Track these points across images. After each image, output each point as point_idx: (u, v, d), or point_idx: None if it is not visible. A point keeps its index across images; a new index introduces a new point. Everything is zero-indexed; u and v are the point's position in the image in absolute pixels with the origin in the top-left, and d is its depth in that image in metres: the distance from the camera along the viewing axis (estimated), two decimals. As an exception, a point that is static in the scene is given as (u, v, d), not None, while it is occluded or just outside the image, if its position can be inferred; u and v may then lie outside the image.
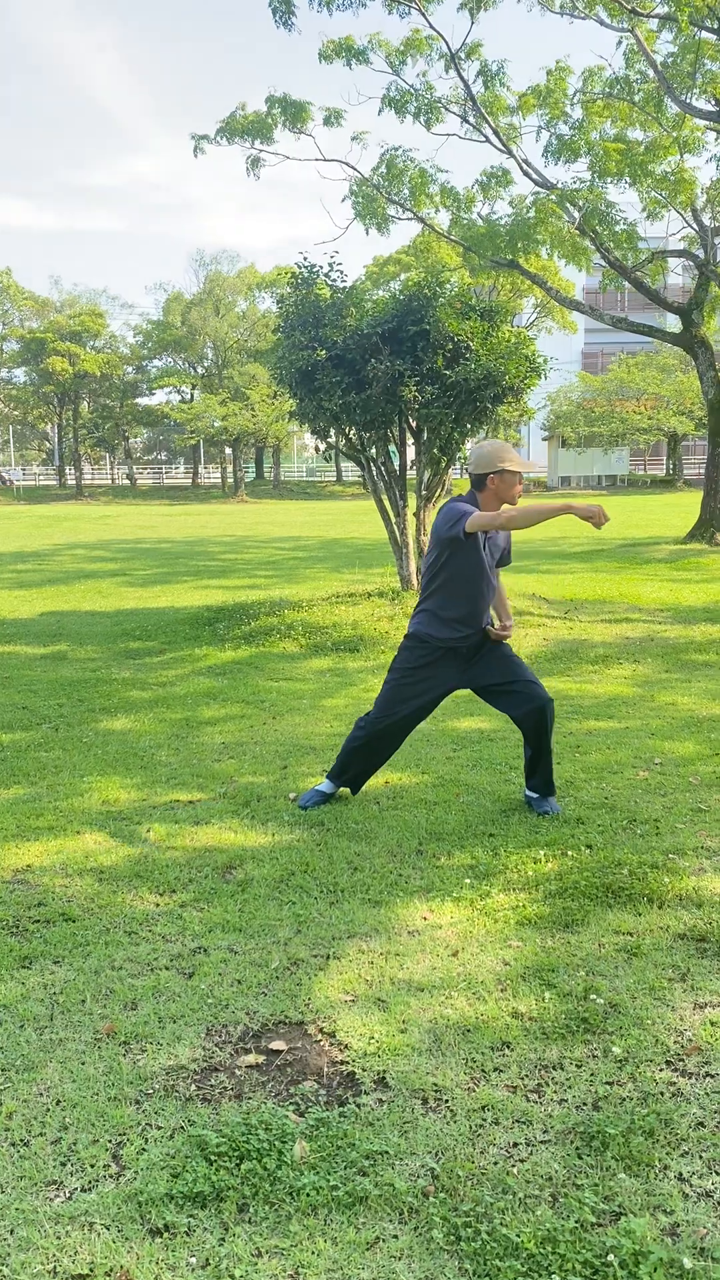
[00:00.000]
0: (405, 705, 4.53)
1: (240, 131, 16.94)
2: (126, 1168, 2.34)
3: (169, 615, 11.27)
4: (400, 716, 4.54)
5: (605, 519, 4.02)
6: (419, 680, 4.51)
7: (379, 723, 4.57)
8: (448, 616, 4.44)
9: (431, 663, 4.49)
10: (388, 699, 4.55)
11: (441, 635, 4.45)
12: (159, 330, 55.34)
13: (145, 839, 4.38)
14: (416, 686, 4.51)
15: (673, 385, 46.82)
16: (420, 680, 4.51)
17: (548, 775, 4.58)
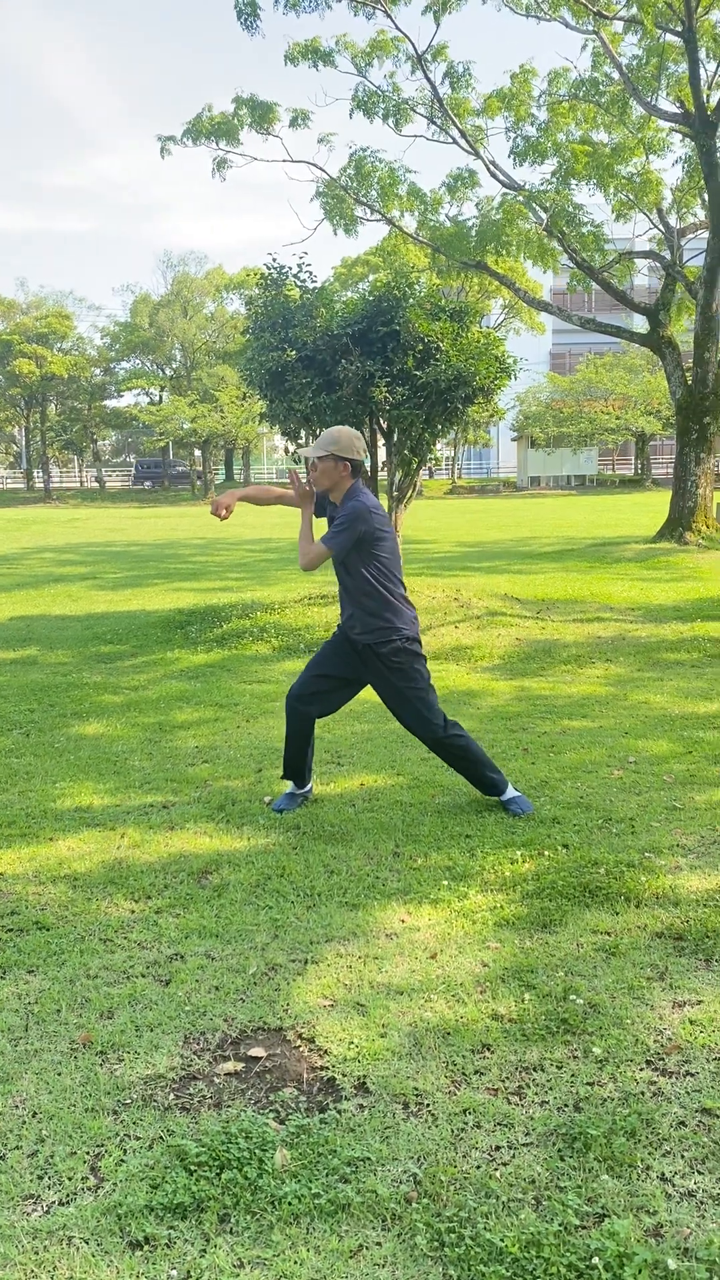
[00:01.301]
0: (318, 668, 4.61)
1: (206, 133, 16.89)
2: (105, 1180, 2.31)
3: (140, 618, 11.20)
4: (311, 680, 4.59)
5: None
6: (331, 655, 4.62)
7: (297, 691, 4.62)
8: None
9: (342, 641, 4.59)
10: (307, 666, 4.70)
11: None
12: (127, 332, 55.04)
13: (119, 845, 4.34)
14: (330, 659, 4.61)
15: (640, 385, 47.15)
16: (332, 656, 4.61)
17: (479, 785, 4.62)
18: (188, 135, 16.93)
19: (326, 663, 4.62)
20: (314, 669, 4.63)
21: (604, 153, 16.69)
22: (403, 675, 4.45)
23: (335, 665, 4.61)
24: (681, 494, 17.59)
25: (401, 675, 4.45)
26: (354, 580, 4.42)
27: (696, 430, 17.17)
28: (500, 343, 9.70)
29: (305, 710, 4.62)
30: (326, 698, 4.65)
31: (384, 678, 4.48)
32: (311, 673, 4.63)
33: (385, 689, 4.52)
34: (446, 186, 17.64)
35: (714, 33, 16.02)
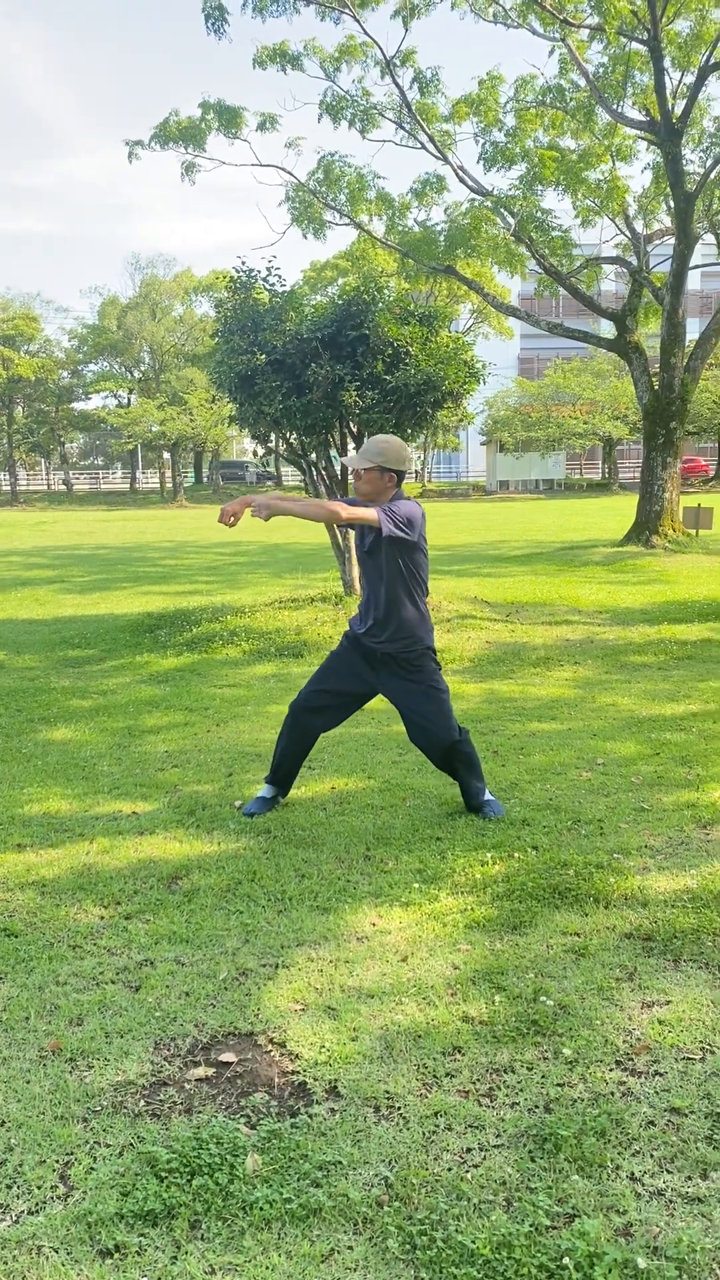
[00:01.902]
0: (324, 682, 4.57)
1: (174, 137, 16.84)
2: (75, 1188, 2.29)
3: (109, 622, 11.14)
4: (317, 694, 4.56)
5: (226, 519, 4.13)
6: (343, 662, 4.57)
7: (299, 697, 4.61)
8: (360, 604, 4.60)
9: (350, 652, 4.56)
10: (316, 673, 4.66)
11: (354, 627, 4.58)
12: (95, 334, 54.74)
13: (88, 850, 4.31)
14: (339, 669, 4.57)
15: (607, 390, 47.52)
16: (344, 662, 4.57)
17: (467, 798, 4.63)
18: (156, 140, 16.87)
19: (334, 676, 4.57)
20: (321, 682, 4.58)
21: (571, 159, 16.81)
22: (424, 676, 4.47)
23: (344, 679, 4.55)
24: (648, 498, 17.74)
25: (422, 676, 4.47)
26: (388, 586, 4.37)
27: (663, 435, 17.33)
28: (469, 347, 9.75)
29: (310, 723, 4.60)
30: (333, 712, 4.61)
31: (403, 682, 4.46)
32: (318, 686, 4.58)
33: (405, 693, 4.47)
34: (414, 192, 17.70)
35: (678, 41, 16.20)
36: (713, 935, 3.35)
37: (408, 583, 4.37)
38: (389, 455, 4.27)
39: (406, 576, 4.36)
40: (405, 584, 4.36)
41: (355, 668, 4.54)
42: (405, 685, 4.47)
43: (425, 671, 4.48)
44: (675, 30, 16.08)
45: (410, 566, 4.35)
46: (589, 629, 9.87)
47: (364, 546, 4.43)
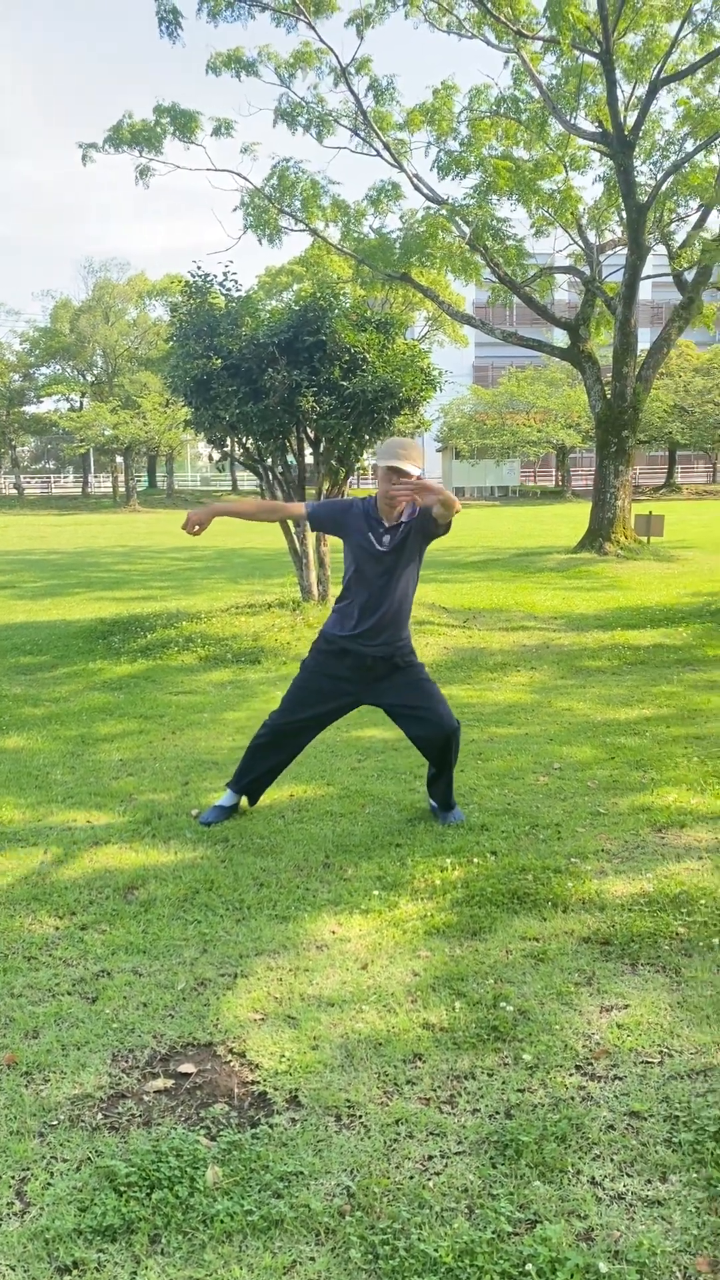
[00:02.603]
0: (307, 707, 4.48)
1: (128, 140, 16.75)
2: (31, 1204, 2.25)
3: (61, 628, 11.01)
4: (301, 717, 4.49)
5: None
6: (320, 680, 4.47)
7: (281, 718, 4.52)
8: (339, 608, 4.48)
9: (331, 664, 4.46)
10: (290, 697, 4.53)
11: (336, 632, 4.45)
12: (46, 337, 54.16)
13: (42, 860, 4.25)
14: (320, 689, 4.47)
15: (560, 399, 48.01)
16: (321, 680, 4.47)
17: (446, 793, 4.61)
18: (109, 142, 16.76)
19: (315, 699, 4.46)
20: (303, 707, 4.47)
21: (526, 168, 16.96)
22: (417, 669, 4.50)
23: (325, 699, 4.47)
24: (601, 506, 17.93)
25: (416, 669, 4.50)
26: (402, 589, 4.41)
27: (615, 443, 17.52)
28: (426, 355, 9.79)
29: (292, 743, 4.57)
30: (314, 729, 4.56)
31: (400, 678, 4.46)
32: (300, 712, 4.47)
33: (404, 689, 4.45)
34: (370, 199, 17.76)
35: (630, 55, 16.43)
36: (669, 939, 3.38)
37: (414, 581, 4.47)
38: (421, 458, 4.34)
39: (416, 575, 4.46)
40: (414, 583, 4.48)
41: (338, 684, 4.46)
42: (403, 682, 4.46)
43: (416, 665, 4.52)
44: (627, 44, 16.31)
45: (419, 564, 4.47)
46: (545, 634, 9.94)
47: (383, 546, 4.36)
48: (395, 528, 4.37)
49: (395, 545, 4.35)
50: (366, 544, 4.37)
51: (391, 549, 4.36)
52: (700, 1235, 2.11)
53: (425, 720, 4.44)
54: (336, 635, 4.46)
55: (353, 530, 4.40)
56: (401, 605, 4.43)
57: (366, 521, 4.39)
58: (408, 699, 4.46)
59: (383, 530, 4.37)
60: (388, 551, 4.36)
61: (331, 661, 4.47)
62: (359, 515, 4.40)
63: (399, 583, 4.40)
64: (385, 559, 4.36)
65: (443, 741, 4.46)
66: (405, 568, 4.40)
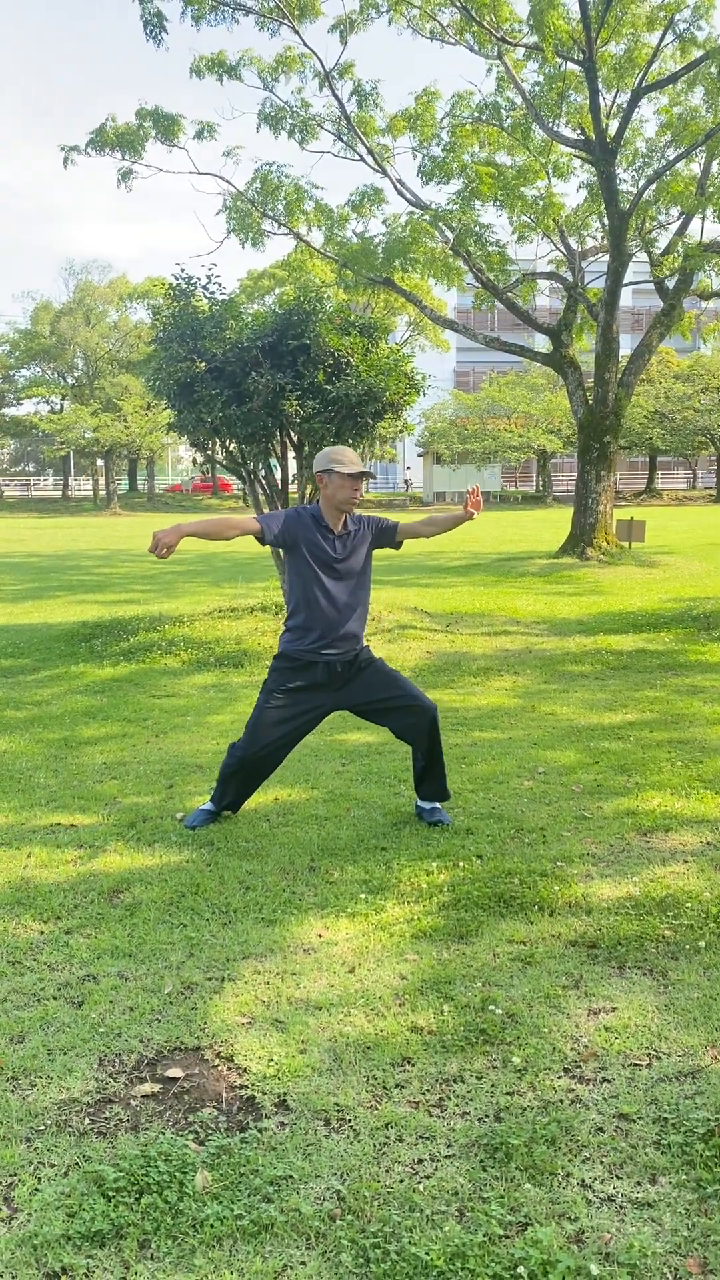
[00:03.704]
0: (274, 729, 4.38)
1: (110, 143, 16.69)
2: (19, 1210, 2.23)
3: (42, 631, 10.95)
4: (270, 740, 4.39)
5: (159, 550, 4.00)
6: (284, 699, 4.40)
7: (249, 748, 4.41)
8: (294, 625, 4.42)
9: (295, 679, 4.40)
10: (255, 723, 4.41)
11: (297, 648, 4.40)
12: (26, 339, 53.97)
13: (25, 864, 4.22)
14: (284, 709, 4.39)
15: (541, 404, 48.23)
16: (288, 701, 4.40)
17: (440, 782, 4.62)
18: (92, 145, 16.70)
19: (277, 716, 4.38)
20: (264, 729, 4.37)
21: (509, 174, 17.03)
22: (379, 664, 4.53)
23: (290, 714, 4.39)
24: (583, 511, 18.00)
25: (378, 665, 4.52)
26: (361, 594, 4.46)
27: (597, 449, 17.60)
28: (409, 359, 9.80)
29: (265, 766, 4.52)
30: (287, 747, 4.51)
31: (369, 678, 4.46)
32: (263, 734, 4.37)
33: (376, 685, 4.46)
34: (352, 203, 17.78)
35: (613, 63, 16.53)
36: (656, 942, 3.40)
37: (369, 584, 4.52)
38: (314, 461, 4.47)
39: (369, 578, 4.52)
40: (369, 585, 4.52)
41: (301, 698, 4.40)
42: (368, 678, 4.47)
43: (377, 660, 4.55)
44: (610, 52, 16.41)
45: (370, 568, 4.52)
46: (527, 639, 9.96)
47: (338, 554, 4.36)
48: (346, 535, 4.39)
49: (348, 553, 4.39)
50: (320, 553, 4.34)
51: (345, 556, 4.38)
52: (690, 1237, 2.12)
53: (403, 708, 4.46)
54: (299, 650, 4.39)
55: (303, 540, 4.35)
56: (361, 609, 4.47)
57: (317, 530, 4.36)
58: (379, 692, 4.47)
59: (334, 538, 4.37)
60: (343, 559, 4.38)
61: (295, 676, 4.41)
62: (308, 524, 4.36)
63: (356, 588, 4.43)
64: (340, 566, 4.38)
65: (428, 724, 4.48)
66: (360, 573, 4.45)
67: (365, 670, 4.49)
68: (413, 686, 4.54)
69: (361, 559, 4.44)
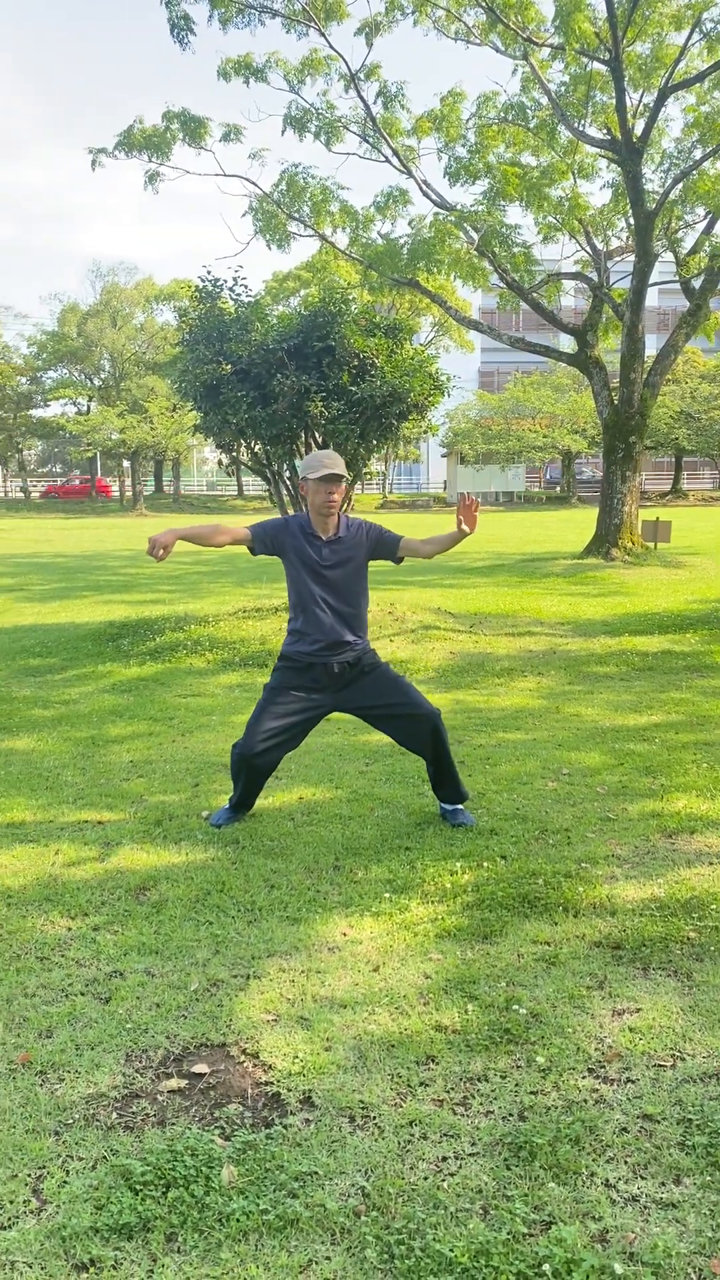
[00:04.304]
0: (271, 726, 4.41)
1: (138, 146, 16.78)
2: (48, 1202, 2.26)
3: (70, 631, 11.04)
4: (266, 736, 4.40)
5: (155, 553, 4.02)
6: (284, 696, 4.45)
7: (246, 745, 4.43)
8: (293, 629, 4.49)
9: (296, 679, 4.45)
10: (253, 720, 4.45)
11: (296, 650, 4.45)
12: (54, 341, 54.35)
13: (54, 861, 4.26)
14: (283, 707, 4.43)
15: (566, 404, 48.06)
16: (286, 696, 4.44)
17: (455, 783, 4.61)
18: (119, 148, 16.80)
19: (277, 712, 4.42)
20: (264, 723, 4.41)
21: (534, 175, 16.99)
22: (383, 672, 4.52)
23: (289, 711, 4.43)
24: (608, 511, 17.92)
25: (382, 672, 4.52)
26: (353, 599, 4.44)
27: (622, 449, 17.53)
28: (433, 360, 9.81)
29: (263, 763, 4.50)
30: (285, 745, 4.50)
31: (371, 682, 4.47)
32: (262, 727, 4.40)
33: (377, 690, 4.47)
34: (378, 205, 17.79)
35: (639, 63, 16.46)
36: (681, 943, 3.39)
37: (364, 587, 4.51)
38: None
39: (364, 582, 4.50)
40: (364, 589, 4.51)
41: (302, 697, 4.45)
42: (371, 682, 4.48)
43: (381, 664, 4.55)
44: (636, 52, 16.35)
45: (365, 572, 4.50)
46: (551, 640, 9.94)
47: (325, 560, 4.38)
48: (335, 541, 4.39)
49: (338, 560, 4.38)
50: (308, 560, 4.38)
51: (334, 563, 4.39)
52: (714, 1237, 2.12)
53: (404, 716, 4.47)
54: (298, 653, 4.44)
55: (290, 549, 4.40)
56: (356, 613, 4.45)
57: (304, 538, 4.40)
58: (379, 698, 4.48)
59: (321, 544, 4.39)
60: (330, 566, 4.39)
61: (296, 677, 4.45)
62: (295, 533, 4.40)
63: (347, 594, 4.42)
64: (328, 573, 4.39)
65: (429, 730, 4.48)
66: (350, 579, 4.42)
67: (368, 674, 4.50)
68: (415, 693, 4.52)
69: (355, 566, 4.42)
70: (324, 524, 4.39)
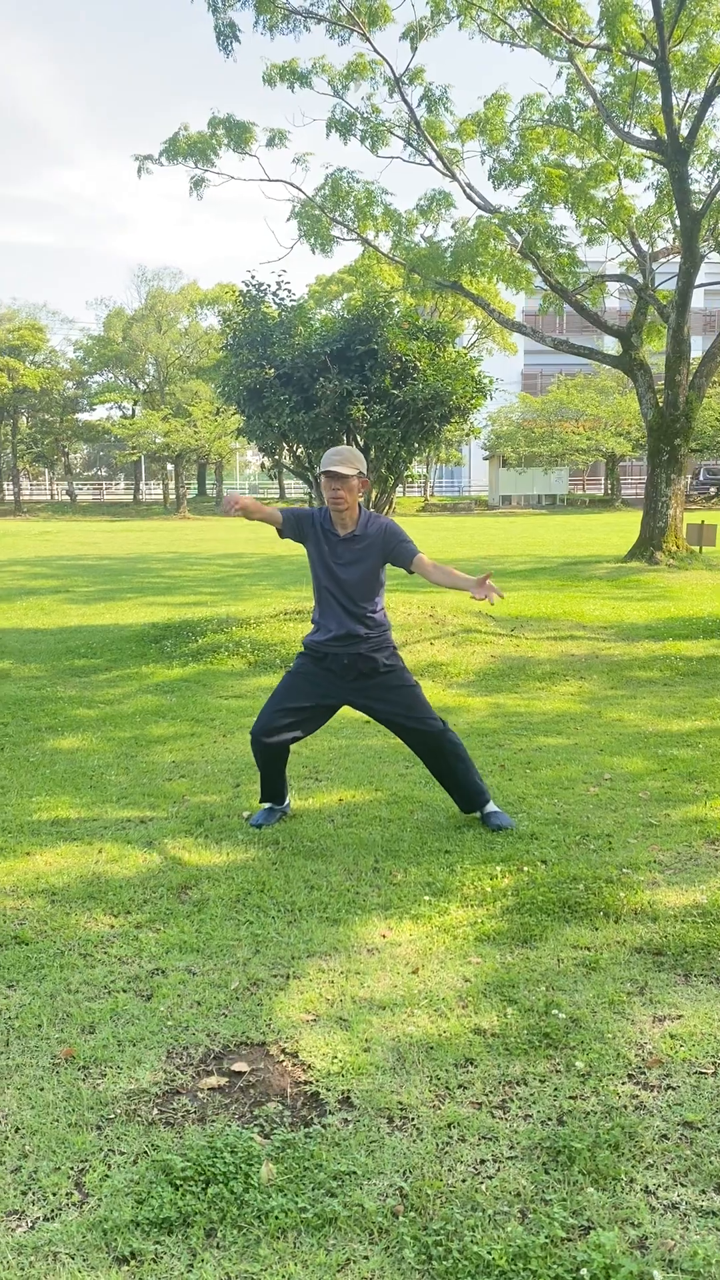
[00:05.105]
0: (285, 706, 4.51)
1: (184, 152, 16.95)
2: (90, 1195, 2.30)
3: (114, 632, 11.16)
4: (279, 714, 4.50)
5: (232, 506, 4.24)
6: (300, 681, 4.54)
7: (259, 724, 4.55)
8: (314, 619, 4.59)
9: (312, 667, 4.54)
10: (269, 701, 4.59)
11: (313, 640, 4.55)
12: (100, 346, 54.99)
13: (97, 859, 4.32)
14: (297, 692, 4.53)
15: (610, 407, 47.67)
16: (301, 682, 4.54)
17: (464, 795, 4.60)
18: (165, 154, 16.97)
19: (295, 694, 4.52)
20: (277, 703, 4.51)
21: (579, 176, 16.91)
22: (397, 677, 4.51)
23: (306, 695, 4.52)
24: (653, 514, 17.78)
25: (396, 677, 4.51)
26: (364, 595, 4.45)
27: (667, 452, 17.38)
28: (475, 363, 9.80)
29: (274, 743, 4.55)
30: (298, 726, 4.56)
31: (378, 685, 4.48)
32: (277, 706, 4.51)
33: (381, 696, 4.49)
34: (421, 208, 17.80)
35: (685, 63, 16.33)
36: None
37: (378, 584, 4.51)
38: (364, 462, 4.44)
39: (382, 580, 4.52)
40: (382, 588, 4.53)
41: (318, 684, 4.52)
42: (381, 691, 4.49)
43: (399, 673, 4.54)
44: (682, 52, 16.21)
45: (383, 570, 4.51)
46: (593, 644, 9.88)
47: (339, 558, 4.42)
48: (350, 539, 4.41)
49: (351, 559, 4.41)
50: (323, 554, 4.45)
51: (347, 561, 4.42)
52: (756, 1247, 2.10)
53: (409, 730, 4.52)
54: (316, 643, 4.54)
55: (310, 540, 4.49)
56: (368, 609, 4.46)
57: (322, 532, 4.46)
58: (387, 703, 4.51)
59: (336, 540, 4.43)
60: (343, 563, 4.42)
61: (312, 665, 4.56)
62: (316, 526, 4.47)
63: (357, 592, 4.44)
64: (339, 570, 4.43)
65: (433, 747, 4.50)
66: (361, 579, 4.43)
67: (383, 675, 4.50)
68: (422, 708, 4.50)
69: (367, 566, 4.41)
70: (339, 519, 4.43)
